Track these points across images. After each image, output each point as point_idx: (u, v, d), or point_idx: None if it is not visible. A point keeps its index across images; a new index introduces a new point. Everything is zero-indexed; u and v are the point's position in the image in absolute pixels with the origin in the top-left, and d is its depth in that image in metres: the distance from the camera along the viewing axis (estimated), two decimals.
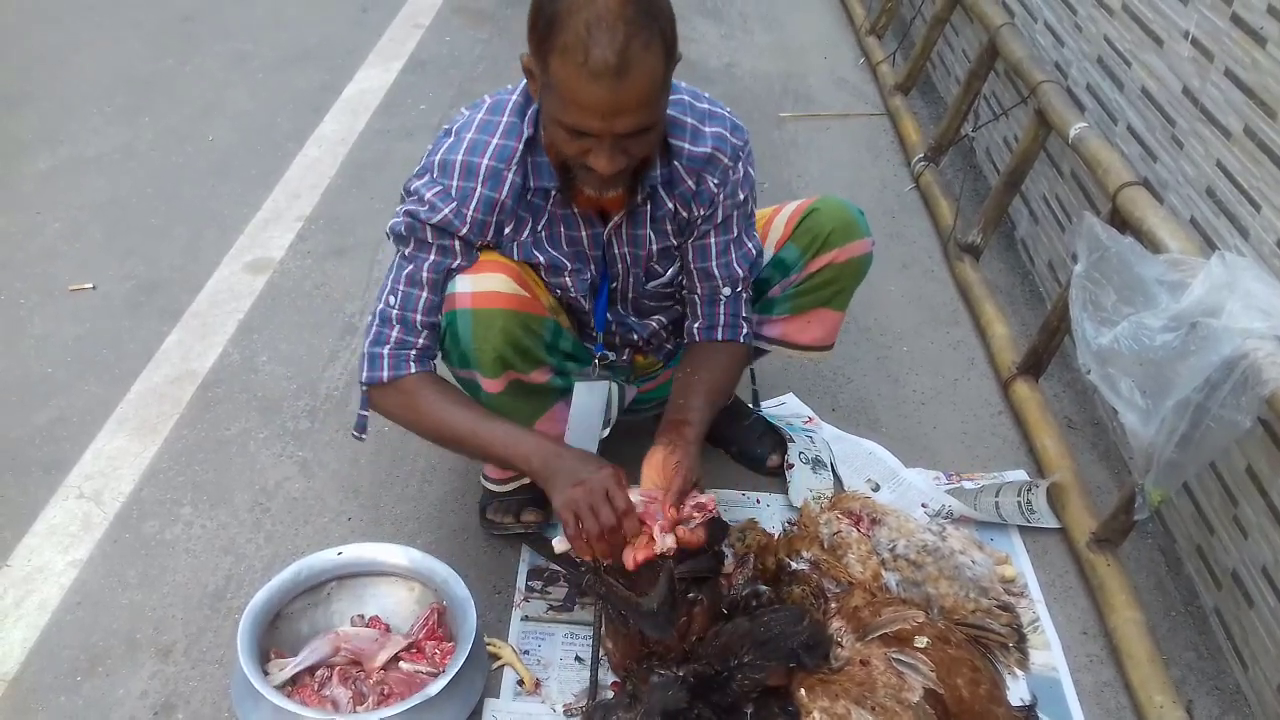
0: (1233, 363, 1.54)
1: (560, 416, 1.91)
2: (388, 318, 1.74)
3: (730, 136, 1.78)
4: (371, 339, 1.75)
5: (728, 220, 1.83)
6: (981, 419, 2.44)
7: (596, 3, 1.43)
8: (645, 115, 1.52)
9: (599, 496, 1.59)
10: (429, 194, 1.69)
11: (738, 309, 1.91)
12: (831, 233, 1.95)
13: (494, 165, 1.68)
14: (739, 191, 1.81)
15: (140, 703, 1.75)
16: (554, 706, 1.75)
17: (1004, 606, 1.86)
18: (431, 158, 1.72)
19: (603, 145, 1.53)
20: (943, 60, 4.08)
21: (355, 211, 3.20)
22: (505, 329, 1.71)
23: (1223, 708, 1.82)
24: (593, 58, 1.43)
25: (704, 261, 1.86)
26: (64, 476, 2.19)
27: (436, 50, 4.41)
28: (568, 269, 1.80)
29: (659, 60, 1.48)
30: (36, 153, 3.47)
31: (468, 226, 1.70)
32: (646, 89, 1.48)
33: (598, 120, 1.49)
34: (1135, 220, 2.00)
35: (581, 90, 1.46)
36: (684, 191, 1.77)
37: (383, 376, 1.74)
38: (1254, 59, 1.90)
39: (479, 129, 1.70)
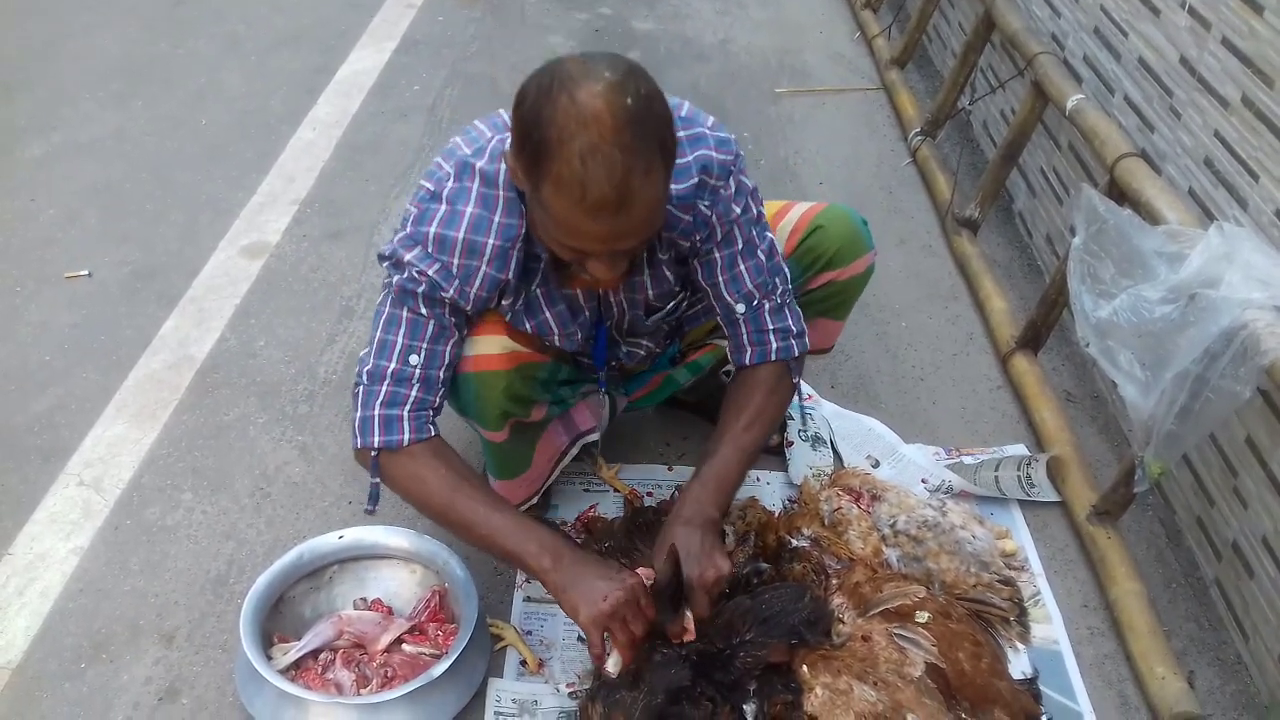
0: (1232, 333, 1.53)
1: (556, 431, 1.92)
2: (406, 377, 1.62)
3: (715, 154, 1.63)
4: (385, 400, 1.63)
5: (729, 236, 1.71)
6: (980, 394, 2.44)
7: (590, 131, 1.32)
8: (647, 232, 1.45)
9: (631, 610, 1.52)
10: (429, 270, 1.58)
11: (760, 324, 1.77)
12: (836, 253, 1.90)
13: (500, 245, 1.58)
14: (733, 207, 1.68)
15: (144, 689, 1.76)
16: (557, 686, 1.75)
17: (1005, 580, 1.87)
18: (422, 228, 1.58)
19: (602, 259, 1.47)
20: (939, 33, 4.06)
21: (351, 194, 3.19)
22: (506, 389, 1.69)
23: (1224, 678, 1.82)
24: (590, 194, 1.34)
25: (711, 278, 1.74)
26: (64, 464, 2.19)
27: (429, 30, 4.38)
28: (556, 334, 1.74)
29: (660, 179, 1.40)
30: (30, 139, 3.46)
31: (472, 304, 1.62)
32: (649, 213, 1.41)
33: (598, 246, 1.43)
34: (1133, 192, 1.99)
35: (580, 223, 1.38)
36: (683, 228, 1.67)
37: (402, 440, 1.63)
38: (1251, 27, 1.88)
39: (479, 203, 1.58)
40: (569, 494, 2.12)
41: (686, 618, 1.59)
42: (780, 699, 1.57)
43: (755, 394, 1.79)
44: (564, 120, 1.33)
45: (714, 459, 1.73)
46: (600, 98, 1.33)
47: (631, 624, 1.52)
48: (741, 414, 1.77)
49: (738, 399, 1.79)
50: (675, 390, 2.12)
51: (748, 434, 1.76)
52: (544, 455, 1.92)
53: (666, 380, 2.09)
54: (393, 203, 3.13)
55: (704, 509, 1.68)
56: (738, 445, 1.75)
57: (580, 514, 2.07)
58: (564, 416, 1.94)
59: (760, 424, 1.78)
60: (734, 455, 1.74)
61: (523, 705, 1.72)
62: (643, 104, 1.36)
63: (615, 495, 2.12)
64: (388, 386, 1.63)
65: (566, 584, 1.55)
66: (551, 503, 2.09)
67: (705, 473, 1.72)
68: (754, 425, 1.77)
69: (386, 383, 1.63)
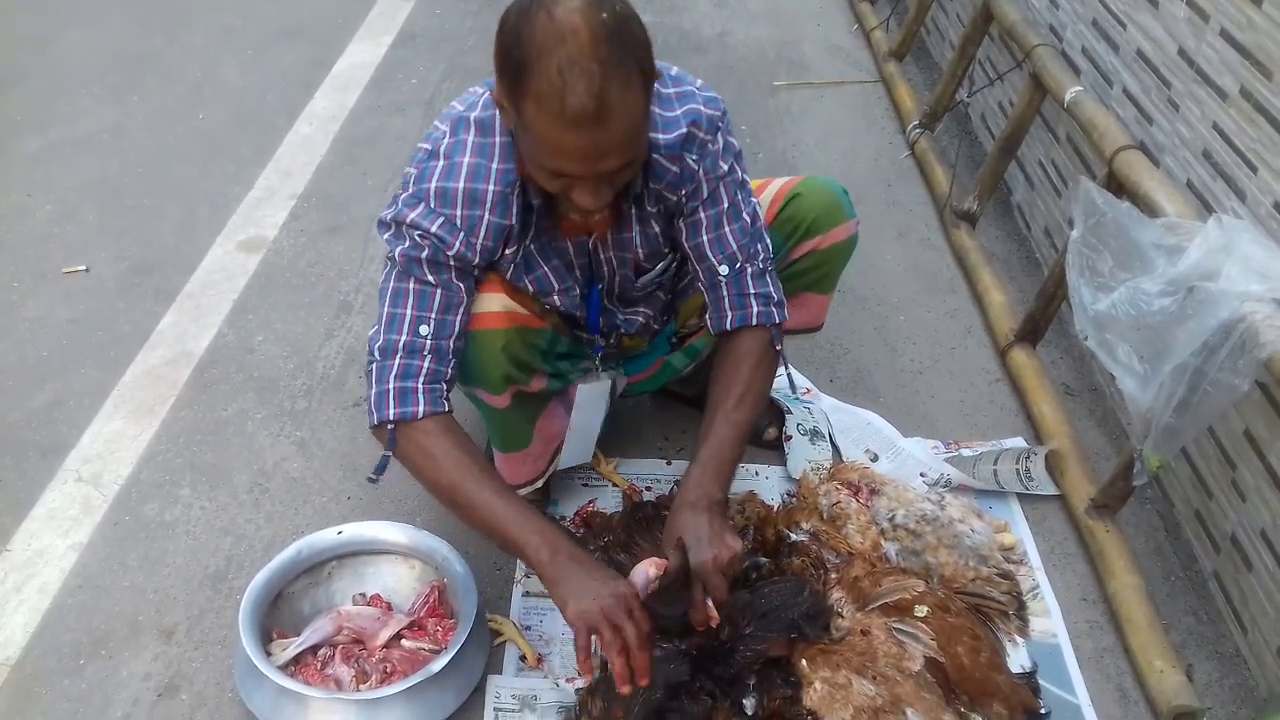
0: (1230, 326, 1.53)
1: (556, 413, 1.91)
2: (417, 348, 1.63)
3: (704, 109, 1.67)
4: (398, 372, 1.63)
5: (714, 193, 1.73)
6: (979, 387, 2.44)
7: (567, 44, 1.35)
8: (629, 152, 1.46)
9: (621, 612, 1.50)
10: (432, 227, 1.59)
11: (741, 287, 1.78)
12: (815, 220, 1.90)
13: (500, 190, 1.60)
14: (719, 163, 1.71)
15: (144, 684, 1.76)
16: (556, 681, 1.75)
17: (1003, 574, 1.87)
18: (423, 184, 1.61)
19: (586, 183, 1.48)
20: (937, 25, 4.05)
21: (348, 189, 3.18)
22: (506, 347, 1.69)
23: (1222, 671, 1.82)
24: (569, 106, 1.35)
25: (695, 238, 1.76)
26: (62, 460, 2.19)
27: (426, 23, 4.37)
28: (555, 289, 1.76)
29: (639, 97, 1.41)
30: (26, 134, 3.45)
31: (479, 255, 1.63)
32: (628, 129, 1.42)
33: (580, 164, 1.44)
34: (1132, 184, 1.99)
35: (561, 138, 1.40)
36: (670, 179, 1.69)
37: (417, 413, 1.62)
38: (1250, 19, 1.88)
39: (475, 152, 1.61)
40: (568, 489, 2.12)
41: (708, 604, 1.59)
42: (779, 693, 1.57)
43: (741, 367, 1.78)
44: (542, 37, 1.36)
45: (710, 439, 1.73)
46: (577, 13, 1.36)
47: (621, 628, 1.50)
48: (731, 390, 1.76)
49: (725, 374, 1.79)
50: (673, 376, 2.13)
51: (739, 411, 1.76)
52: (543, 435, 1.91)
53: (664, 366, 2.09)
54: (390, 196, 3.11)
55: (707, 491, 1.68)
56: (731, 423, 1.74)
57: (579, 509, 2.07)
58: (564, 397, 1.93)
59: (750, 399, 1.78)
60: (730, 433, 1.74)
61: (522, 700, 1.72)
62: (620, 21, 1.39)
63: (614, 490, 2.12)
64: (400, 359, 1.63)
65: (560, 578, 1.55)
66: (551, 498, 2.09)
67: (704, 455, 1.72)
68: (744, 401, 1.76)
69: (399, 356, 1.63)
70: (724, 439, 1.73)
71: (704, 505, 1.66)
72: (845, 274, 2.06)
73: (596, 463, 2.15)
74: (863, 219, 2.03)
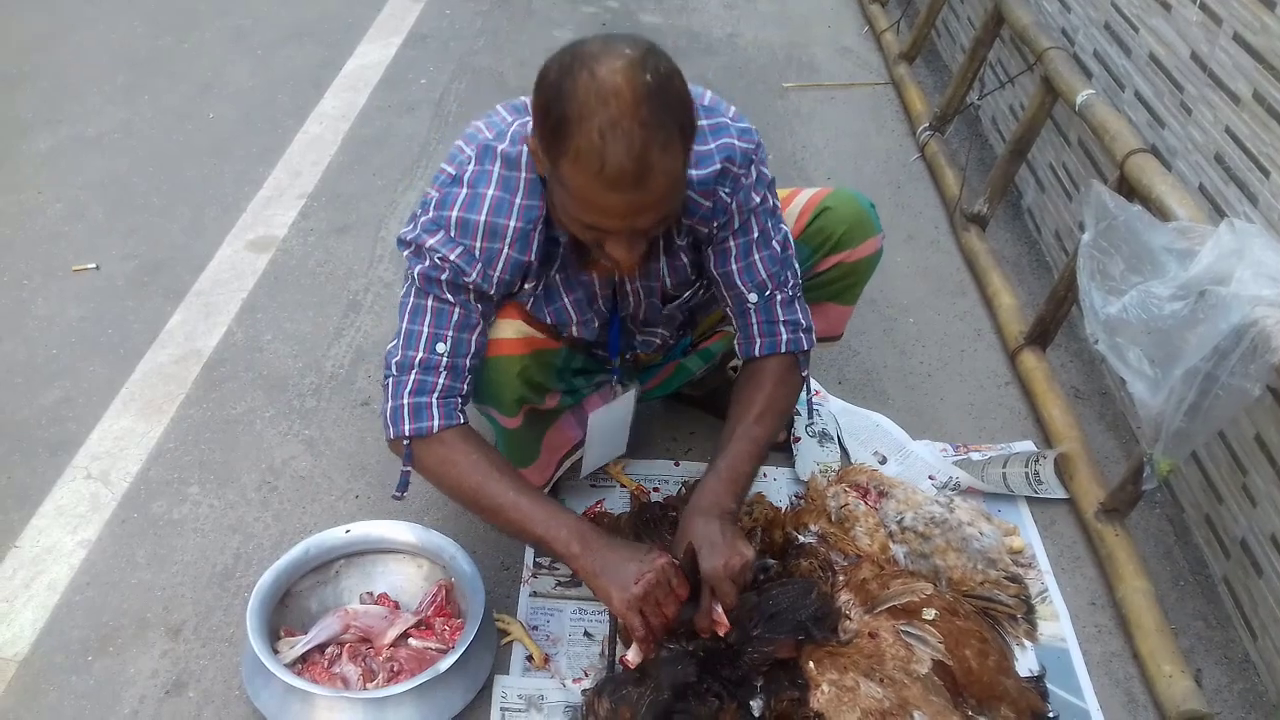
0: (1242, 330, 1.52)
1: (566, 425, 1.92)
2: (433, 365, 1.63)
3: (738, 143, 1.66)
4: (413, 388, 1.63)
5: (745, 224, 1.71)
6: (988, 390, 2.43)
7: (610, 106, 1.34)
8: (666, 209, 1.46)
9: (664, 591, 1.53)
10: (452, 255, 1.58)
11: (770, 315, 1.77)
12: (845, 234, 1.90)
13: (522, 228, 1.59)
14: (753, 196, 1.70)
15: (151, 682, 1.76)
16: (563, 682, 1.75)
17: (1012, 578, 1.87)
18: (444, 212, 1.59)
19: (620, 238, 1.47)
20: (947, 28, 4.05)
21: (357, 188, 3.18)
22: (522, 373, 1.70)
23: (1231, 676, 1.81)
24: (609, 167, 1.35)
25: (724, 266, 1.74)
26: (71, 457, 2.20)
27: (436, 24, 4.38)
28: (574, 321, 1.75)
29: (678, 156, 1.41)
30: (36, 133, 3.46)
31: (495, 288, 1.62)
32: (667, 188, 1.41)
33: (616, 221, 1.43)
34: (1143, 188, 1.98)
35: (599, 197, 1.40)
36: (703, 214, 1.68)
37: (432, 427, 1.63)
38: (1263, 23, 1.87)
39: (499, 185, 1.59)
40: (576, 490, 2.11)
41: (717, 610, 1.59)
42: (787, 695, 1.57)
43: (765, 386, 1.78)
44: (584, 96, 1.35)
45: (727, 452, 1.73)
46: (620, 74, 1.35)
47: (664, 605, 1.53)
48: (752, 407, 1.76)
49: (747, 392, 1.79)
50: (687, 379, 2.13)
51: (759, 426, 1.76)
52: (550, 445, 1.92)
53: (678, 369, 2.09)
54: (400, 197, 3.12)
55: (720, 500, 1.68)
56: (750, 438, 1.74)
57: (587, 509, 2.06)
58: (576, 409, 1.93)
59: (770, 416, 1.78)
60: (747, 448, 1.74)
61: (529, 700, 1.72)
62: (662, 80, 1.38)
63: (622, 491, 2.11)
64: (415, 375, 1.63)
65: (597, 569, 1.56)
66: (559, 498, 2.08)
67: (719, 465, 1.72)
68: (764, 418, 1.76)
69: (414, 371, 1.63)
70: (741, 453, 1.73)
71: (716, 513, 1.66)
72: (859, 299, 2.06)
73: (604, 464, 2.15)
74: None
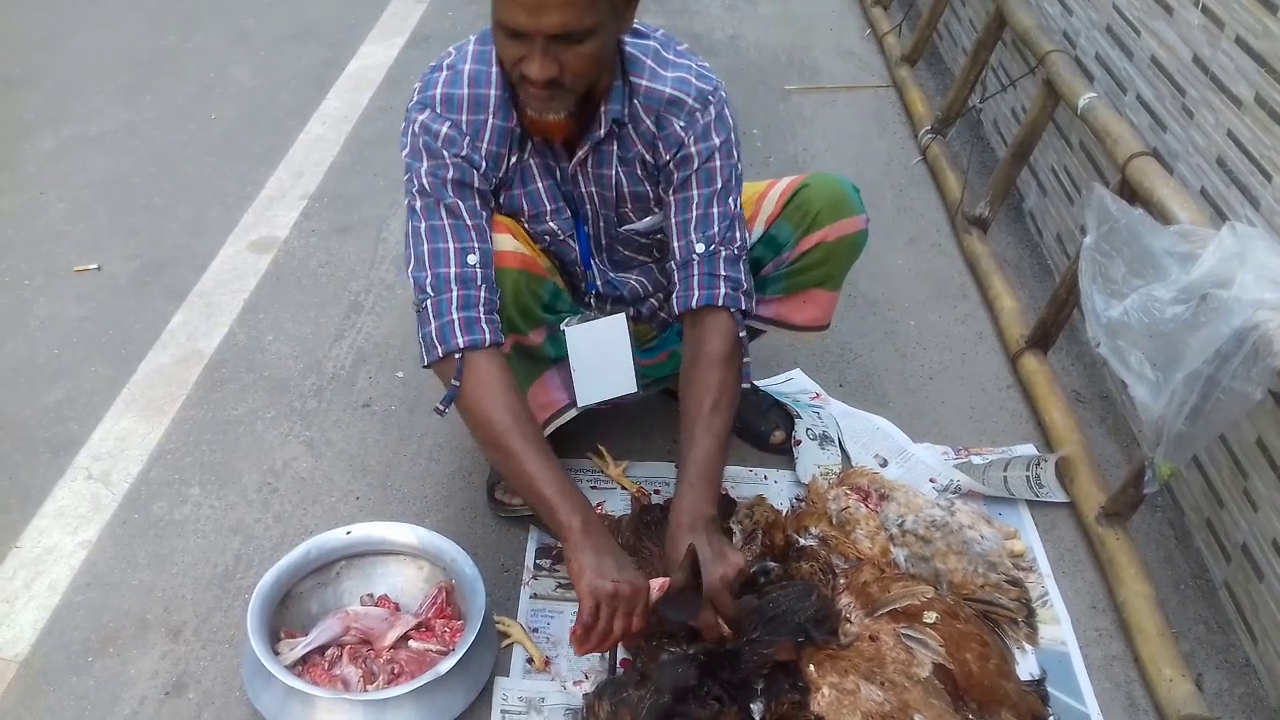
0: (1244, 334, 1.52)
1: (551, 383, 1.90)
2: (470, 279, 1.65)
3: (695, 81, 1.73)
4: (458, 303, 1.64)
5: (708, 169, 1.75)
6: (990, 393, 2.43)
7: None
8: (572, 15, 1.49)
9: (631, 601, 1.53)
10: (443, 128, 1.66)
11: (713, 268, 1.76)
12: (820, 211, 1.91)
13: (501, 95, 1.67)
14: (712, 135, 1.73)
15: (151, 683, 1.76)
16: (564, 684, 1.75)
17: (1013, 581, 1.87)
18: (428, 92, 1.69)
19: (534, 48, 1.51)
20: (949, 31, 4.05)
21: (360, 189, 3.19)
22: (513, 288, 1.71)
23: (1232, 681, 1.81)
24: None
25: (684, 213, 1.77)
26: (72, 457, 2.20)
27: (439, 25, 4.38)
28: (547, 210, 1.79)
29: None
30: (39, 133, 3.46)
31: (485, 161, 1.67)
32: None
33: (524, 15, 1.49)
34: (1145, 191, 1.98)
35: None
36: (645, 131, 1.74)
37: (484, 339, 1.64)
38: (1266, 26, 1.87)
39: (475, 59, 1.69)
40: None
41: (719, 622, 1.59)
42: (787, 698, 1.57)
43: (712, 372, 1.75)
44: None
45: (694, 454, 1.70)
46: None
47: (621, 616, 1.52)
48: (705, 398, 1.73)
49: (696, 380, 1.75)
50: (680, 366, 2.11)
51: (716, 418, 1.72)
52: (537, 397, 1.89)
53: (672, 355, 2.09)
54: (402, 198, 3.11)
55: (701, 510, 1.66)
56: (712, 433, 1.71)
57: None
58: (562, 368, 1.91)
59: (725, 402, 1.75)
60: (711, 444, 1.71)
61: (529, 703, 1.72)
62: None
63: (623, 493, 2.11)
64: (459, 290, 1.65)
65: (586, 548, 1.56)
66: None
67: (690, 474, 1.69)
68: (720, 406, 1.73)
69: (456, 287, 1.65)
70: (708, 452, 1.71)
71: (701, 525, 1.64)
72: (856, 278, 2.05)
73: (605, 465, 2.15)
74: (874, 224, 2.03)
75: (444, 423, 2.26)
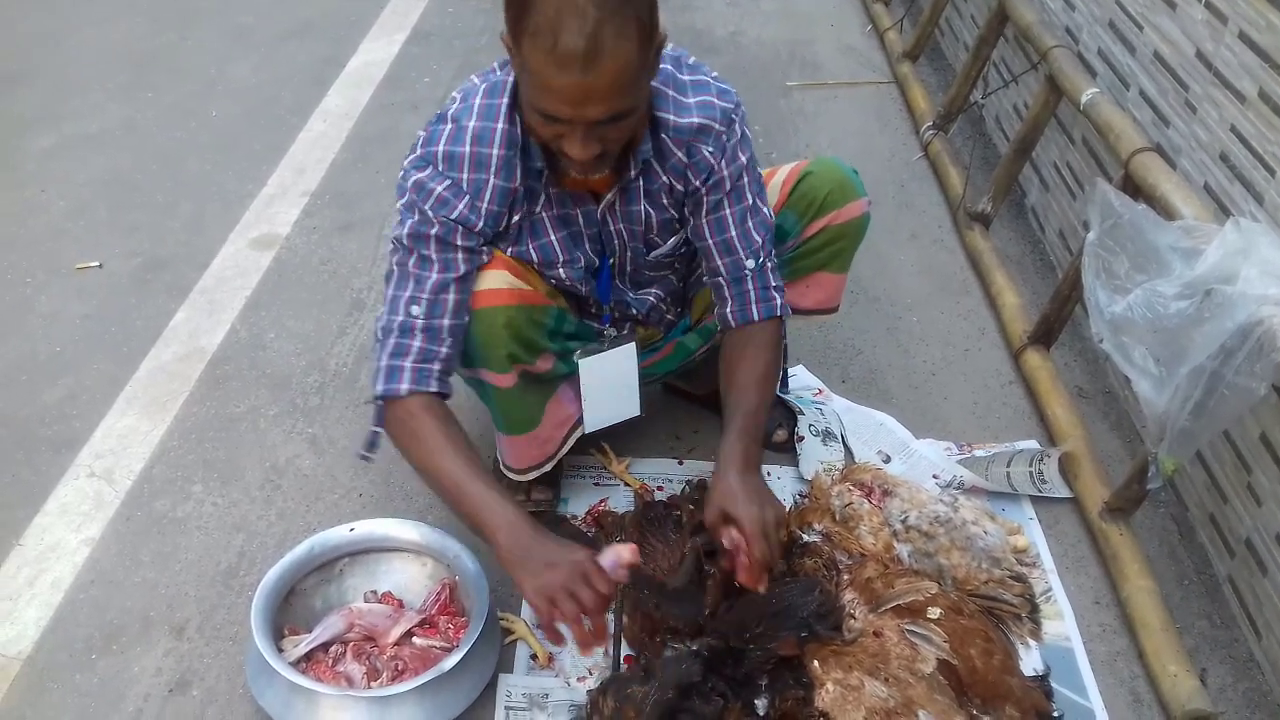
0: (1248, 329, 1.52)
1: (566, 397, 1.91)
2: (410, 328, 1.66)
3: (718, 101, 1.71)
4: (391, 351, 1.66)
5: (739, 188, 1.76)
6: (992, 389, 2.43)
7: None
8: (618, 103, 1.46)
9: (577, 580, 1.51)
10: (439, 188, 1.63)
11: (765, 281, 1.83)
12: (828, 195, 1.93)
13: (505, 154, 1.63)
14: (739, 154, 1.74)
15: (155, 680, 1.76)
16: (567, 680, 1.75)
17: (1016, 577, 1.87)
18: (431, 148, 1.65)
19: (575, 132, 1.48)
20: (951, 26, 4.04)
21: (361, 186, 3.18)
22: (509, 324, 1.70)
23: (1236, 676, 1.81)
24: (561, 44, 1.37)
25: (723, 233, 1.79)
26: (75, 455, 2.20)
27: (439, 21, 4.38)
28: (559, 260, 1.77)
29: (633, 46, 1.42)
30: (39, 130, 3.46)
31: (483, 220, 1.65)
32: (618, 77, 1.42)
33: (567, 108, 1.44)
34: (1148, 187, 1.98)
35: (550, 77, 1.41)
36: (675, 164, 1.72)
37: (400, 389, 1.65)
38: (1269, 21, 1.87)
39: (480, 115, 1.64)
40: (579, 488, 2.11)
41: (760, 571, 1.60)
42: (791, 694, 1.57)
43: (765, 354, 1.84)
44: None
45: (745, 406, 1.77)
46: None
47: (578, 594, 1.50)
48: (758, 368, 1.81)
49: (749, 357, 1.83)
50: (686, 358, 2.12)
51: (766, 384, 1.82)
52: (554, 418, 1.91)
53: (678, 346, 2.09)
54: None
55: (752, 455, 1.73)
56: (760, 393, 1.80)
57: (591, 508, 2.06)
58: (573, 381, 1.92)
59: (771, 377, 1.85)
60: (758, 402, 1.79)
61: (533, 699, 1.72)
62: None
63: (626, 490, 2.11)
64: (395, 339, 1.67)
65: (518, 560, 1.55)
66: (561, 496, 2.08)
67: (740, 422, 1.75)
68: (767, 378, 1.83)
69: (394, 335, 1.67)
70: (757, 406, 1.78)
71: (753, 467, 1.70)
72: (858, 274, 2.06)
73: (608, 462, 2.15)
74: (876, 220, 2.03)
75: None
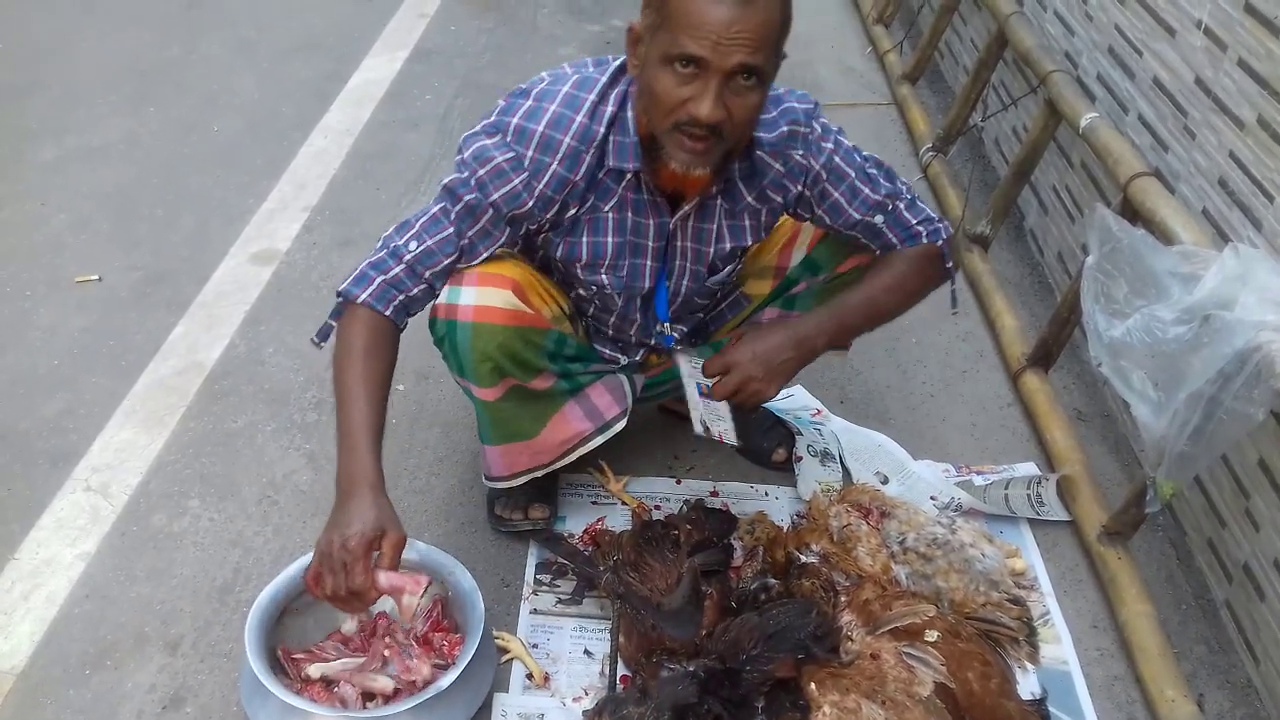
0: (1245, 355, 1.52)
1: (572, 415, 1.90)
2: (399, 255, 1.68)
3: (798, 105, 1.73)
4: (373, 262, 1.69)
5: (835, 172, 1.77)
6: (991, 411, 2.43)
7: None
8: (758, 55, 1.47)
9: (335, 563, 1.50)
10: (500, 157, 1.63)
11: (902, 222, 1.83)
12: None
13: (575, 145, 1.64)
14: (824, 145, 1.75)
15: (148, 696, 1.75)
16: (563, 700, 1.75)
17: (1014, 600, 1.86)
18: (505, 118, 1.66)
19: (710, 85, 1.48)
20: (951, 49, 4.06)
21: (361, 203, 3.19)
22: (502, 344, 1.71)
23: (1234, 702, 1.81)
24: None
25: (841, 216, 1.81)
26: (71, 469, 2.19)
27: (441, 40, 4.39)
28: (605, 263, 1.77)
29: (779, 8, 1.49)
30: (42, 143, 3.47)
31: (534, 200, 1.66)
32: (766, 22, 1.46)
33: (711, 43, 1.44)
34: (1147, 211, 1.98)
35: (704, 9, 1.44)
36: (774, 178, 1.74)
37: (359, 296, 1.67)
38: (1268, 49, 1.88)
39: (564, 102, 1.65)
40: (577, 506, 2.11)
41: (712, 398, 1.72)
42: (788, 716, 1.57)
43: (897, 263, 1.85)
44: None
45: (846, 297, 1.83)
46: None
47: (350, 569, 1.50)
48: (881, 275, 1.85)
49: (879, 263, 1.86)
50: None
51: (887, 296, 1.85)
52: (558, 433, 1.91)
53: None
54: (403, 212, 3.12)
55: (811, 329, 1.79)
56: (870, 298, 1.84)
57: (588, 526, 2.06)
58: (582, 399, 1.92)
59: (901, 291, 1.86)
60: (863, 305, 1.84)
61: (528, 719, 1.71)
62: None
63: (623, 509, 2.11)
64: (383, 254, 1.70)
65: (336, 505, 1.57)
66: (559, 514, 2.08)
67: (834, 303, 1.83)
68: (893, 291, 1.85)
69: (384, 252, 1.70)
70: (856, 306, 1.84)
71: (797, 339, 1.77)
72: None
73: (606, 481, 2.15)
74: None
75: (444, 437, 2.27)
